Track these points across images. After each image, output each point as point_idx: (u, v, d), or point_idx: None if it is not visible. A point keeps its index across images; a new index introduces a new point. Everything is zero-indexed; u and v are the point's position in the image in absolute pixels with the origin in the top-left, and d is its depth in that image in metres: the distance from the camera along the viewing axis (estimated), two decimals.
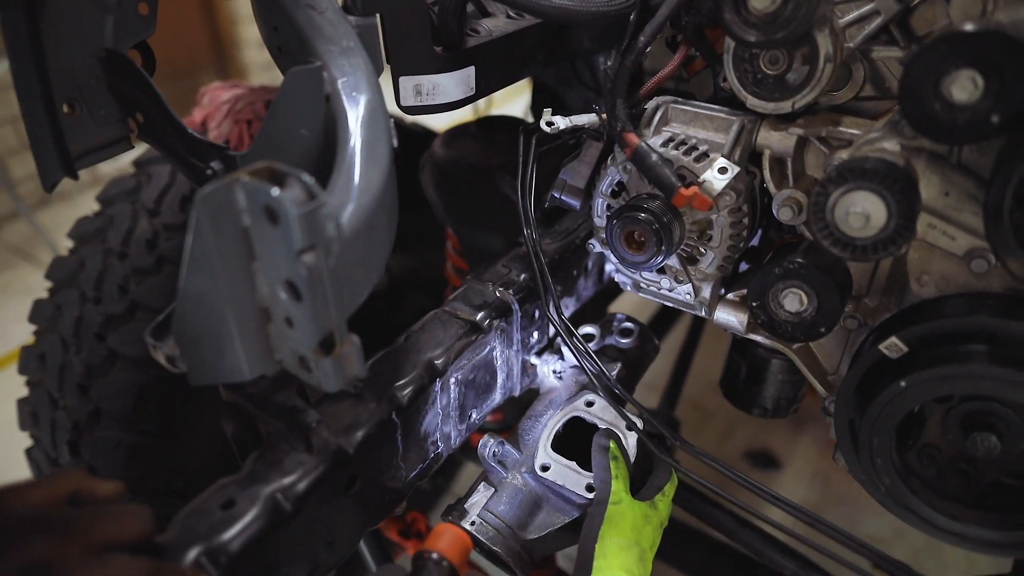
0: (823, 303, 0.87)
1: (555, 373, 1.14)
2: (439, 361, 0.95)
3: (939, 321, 0.80)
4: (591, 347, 1.12)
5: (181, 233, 1.53)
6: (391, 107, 0.86)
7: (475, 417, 1.08)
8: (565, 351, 1.14)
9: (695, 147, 0.93)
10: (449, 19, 0.94)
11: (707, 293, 1.02)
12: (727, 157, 0.91)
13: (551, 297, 1.06)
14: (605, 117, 0.98)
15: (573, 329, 1.05)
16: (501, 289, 1.09)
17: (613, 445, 0.96)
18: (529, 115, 1.91)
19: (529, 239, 1.07)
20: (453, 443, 1.04)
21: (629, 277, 1.09)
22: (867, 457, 0.86)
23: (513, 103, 4.36)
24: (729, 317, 1.02)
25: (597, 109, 1.02)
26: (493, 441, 1.00)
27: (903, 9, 0.83)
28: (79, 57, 0.91)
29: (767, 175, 0.94)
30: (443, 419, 0.99)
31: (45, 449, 1.54)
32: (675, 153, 0.92)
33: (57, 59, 0.89)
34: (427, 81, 0.96)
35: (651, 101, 1.01)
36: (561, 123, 0.99)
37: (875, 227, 0.76)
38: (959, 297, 0.84)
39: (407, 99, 0.97)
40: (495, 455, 0.99)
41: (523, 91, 1.81)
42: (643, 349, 1.19)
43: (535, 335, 1.16)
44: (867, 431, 0.84)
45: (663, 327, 2.19)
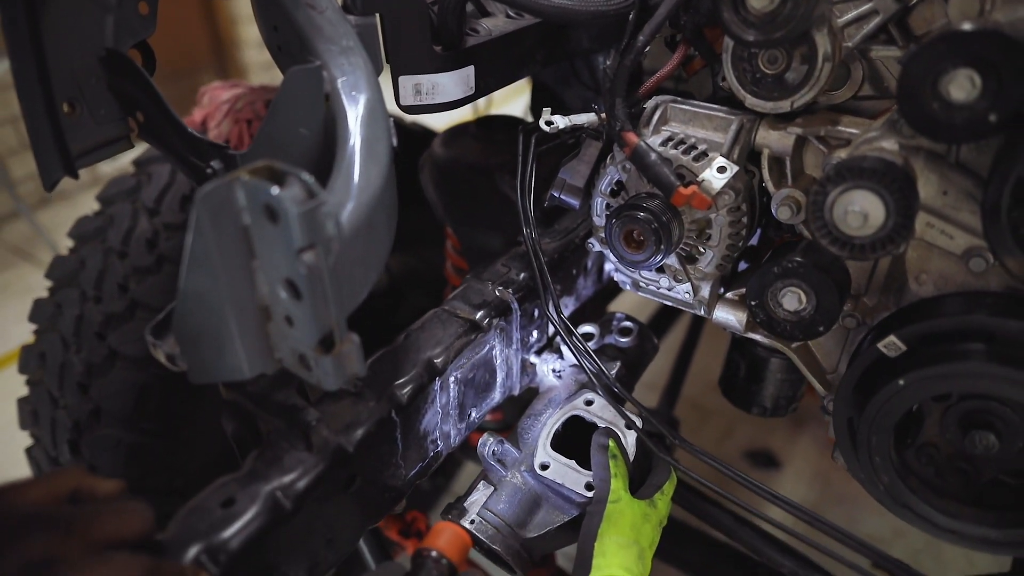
0: (822, 302, 0.87)
1: (554, 372, 1.14)
2: (439, 360, 0.96)
3: (937, 320, 0.80)
4: (590, 346, 1.13)
5: (181, 232, 1.54)
6: (391, 106, 0.86)
7: (474, 416, 1.08)
8: (564, 350, 1.14)
9: (694, 146, 0.93)
10: (448, 18, 0.94)
11: (706, 292, 1.02)
12: (726, 156, 0.92)
13: (550, 296, 1.06)
14: (604, 116, 0.98)
15: (572, 328, 1.05)
16: (500, 288, 1.09)
17: (612, 444, 0.96)
18: (528, 115, 1.91)
19: (528, 238, 1.07)
20: (453, 442, 1.04)
21: (628, 276, 1.09)
22: (866, 455, 0.86)
23: (513, 103, 4.36)
24: (728, 316, 1.02)
25: (596, 108, 1.03)
26: (493, 440, 1.00)
27: (901, 9, 0.83)
28: (79, 56, 0.91)
29: (766, 174, 0.94)
30: (442, 418, 0.99)
31: (45, 448, 1.54)
32: (674, 152, 0.92)
33: (57, 58, 0.89)
34: (426, 80, 0.96)
35: (650, 100, 1.01)
36: (560, 122, 0.99)
37: (873, 226, 0.76)
38: (957, 296, 0.84)
39: (406, 98, 0.97)
40: (494, 454, 1.00)
41: (522, 91, 1.81)
42: (642, 348, 1.19)
43: (534, 334, 1.16)
44: (866, 429, 0.84)
45: (662, 326, 2.19)
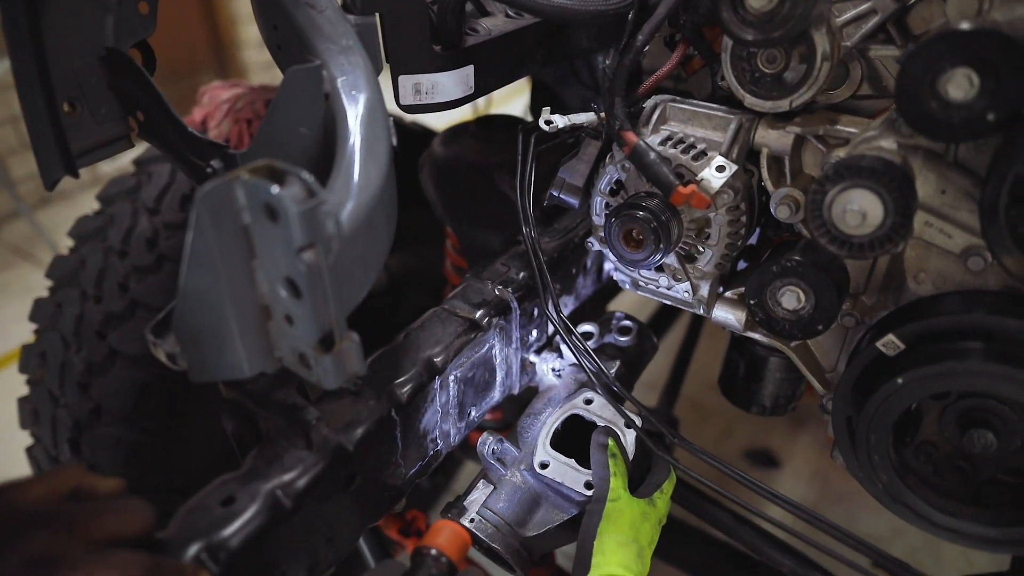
0: (820, 301, 0.87)
1: (554, 371, 1.14)
2: (438, 359, 0.96)
3: (936, 318, 0.81)
4: (590, 345, 1.13)
5: (181, 231, 1.54)
6: (390, 106, 0.86)
7: (474, 415, 1.08)
8: (564, 349, 1.14)
9: (693, 145, 0.93)
10: (448, 18, 0.94)
11: (705, 291, 1.02)
12: (725, 155, 0.92)
13: (550, 295, 1.07)
14: (603, 116, 0.98)
15: (572, 327, 1.06)
16: (500, 287, 1.09)
17: (612, 443, 0.96)
18: (528, 114, 1.91)
19: (528, 237, 1.07)
20: (452, 441, 1.04)
21: (628, 275, 1.09)
22: (864, 454, 0.86)
23: (512, 102, 4.36)
24: (727, 315, 1.03)
25: (596, 108, 1.03)
26: (492, 439, 1.00)
27: (900, 8, 0.83)
28: (80, 56, 0.91)
29: (765, 173, 0.94)
30: (442, 417, 0.99)
31: (46, 447, 1.54)
32: (673, 151, 0.92)
33: (58, 58, 0.89)
34: (426, 80, 0.96)
35: (649, 100, 1.01)
36: (560, 122, 0.99)
37: (872, 225, 0.76)
38: (956, 295, 0.84)
39: (406, 98, 0.97)
40: (494, 453, 1.00)
41: (522, 90, 1.81)
42: (642, 347, 1.20)
43: (534, 333, 1.16)
44: (864, 428, 0.84)
45: (662, 325, 2.19)
